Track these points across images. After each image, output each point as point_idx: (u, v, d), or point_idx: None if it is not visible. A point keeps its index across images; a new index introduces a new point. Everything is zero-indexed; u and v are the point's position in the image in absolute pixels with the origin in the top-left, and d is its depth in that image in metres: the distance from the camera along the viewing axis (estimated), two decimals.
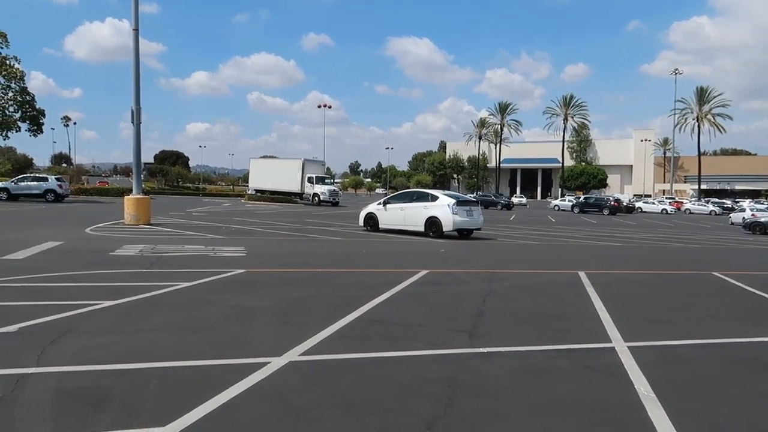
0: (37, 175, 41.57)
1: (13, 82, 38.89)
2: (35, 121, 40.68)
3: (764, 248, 21.15)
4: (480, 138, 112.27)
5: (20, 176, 39.13)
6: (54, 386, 4.33)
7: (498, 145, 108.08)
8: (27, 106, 39.71)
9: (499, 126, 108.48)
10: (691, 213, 61.12)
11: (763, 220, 30.97)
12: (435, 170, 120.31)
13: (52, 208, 29.73)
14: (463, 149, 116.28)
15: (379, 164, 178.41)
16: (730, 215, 43.21)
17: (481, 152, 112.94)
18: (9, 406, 3.91)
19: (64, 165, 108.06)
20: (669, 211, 59.75)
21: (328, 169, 69.03)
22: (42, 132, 42.40)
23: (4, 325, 5.91)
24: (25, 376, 4.50)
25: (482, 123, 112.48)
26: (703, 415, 4.26)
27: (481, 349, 5.75)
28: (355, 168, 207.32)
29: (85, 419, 3.75)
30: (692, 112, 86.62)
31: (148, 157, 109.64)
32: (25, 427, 3.60)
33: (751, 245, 22.08)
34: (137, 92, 20.71)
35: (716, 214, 58.84)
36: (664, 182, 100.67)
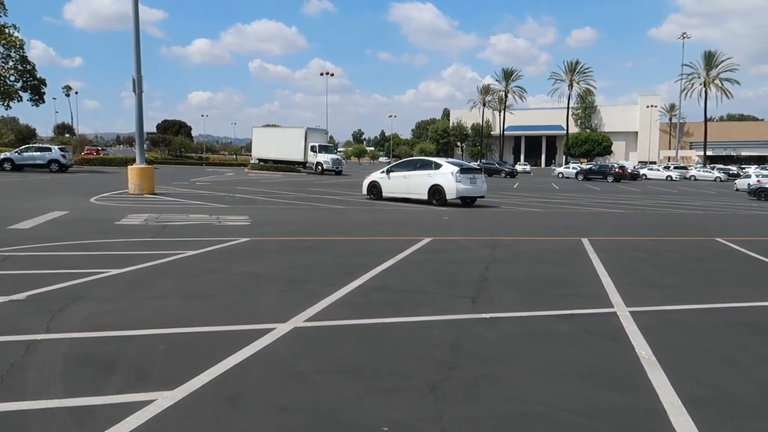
0: (40, 145, 41.49)
1: (13, 50, 38.56)
2: (36, 90, 40.47)
3: None
4: (484, 105, 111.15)
5: (24, 146, 39.05)
6: (64, 352, 4.41)
7: (502, 112, 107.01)
8: (28, 75, 39.46)
9: (504, 93, 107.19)
10: (696, 179, 60.81)
11: None
12: (438, 138, 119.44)
13: (56, 178, 29.78)
14: (467, 117, 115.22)
15: (383, 132, 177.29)
16: (736, 181, 42.97)
17: (485, 120, 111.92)
18: (21, 371, 3.99)
19: (66, 135, 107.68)
20: (674, 178, 59.45)
21: (331, 137, 68.59)
22: (44, 102, 42.25)
23: (13, 293, 5.99)
24: (36, 342, 4.58)
25: (486, 90, 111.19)
26: (703, 377, 4.32)
27: (484, 315, 5.81)
28: (358, 136, 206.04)
29: (96, 383, 3.83)
30: (699, 77, 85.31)
31: (150, 126, 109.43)
32: (37, 390, 3.69)
33: (756, 211, 22.01)
34: (138, 60, 20.50)
35: (721, 181, 58.53)
36: (670, 149, 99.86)
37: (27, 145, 40.37)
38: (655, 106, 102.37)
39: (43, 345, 4.54)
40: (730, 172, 62.46)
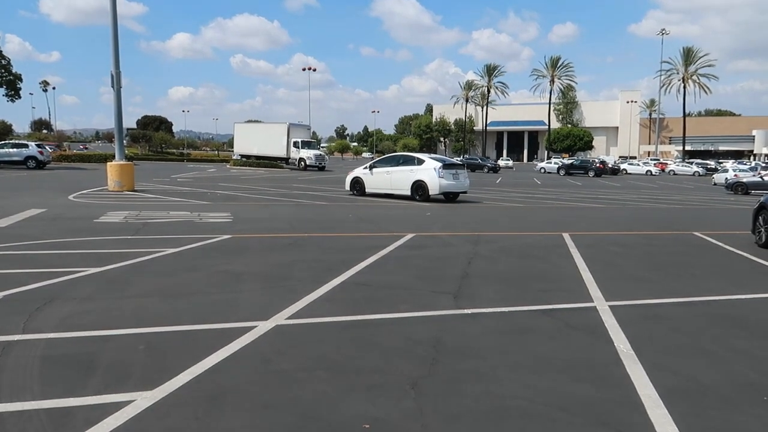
0: (16, 141, 40.68)
1: None
2: (12, 85, 39.74)
3: (745, 208, 21.44)
4: (467, 101, 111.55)
5: None
6: (41, 353, 4.34)
7: (485, 107, 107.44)
8: (2, 70, 38.70)
9: (486, 88, 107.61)
10: (675, 174, 61.65)
11: (745, 180, 31.38)
12: (422, 134, 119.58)
13: (33, 175, 29.27)
14: (450, 112, 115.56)
15: (366, 128, 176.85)
16: (713, 176, 43.66)
17: (467, 115, 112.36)
18: None
19: (44, 131, 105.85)
20: (653, 173, 60.20)
21: (314, 133, 68.39)
22: (20, 97, 41.56)
23: None
24: (12, 343, 4.51)
25: (469, 85, 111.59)
26: (680, 370, 4.39)
27: (466, 311, 5.84)
28: (341, 132, 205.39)
29: (73, 384, 3.78)
30: (678, 73, 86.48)
31: (130, 122, 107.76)
32: (13, 392, 3.63)
33: (733, 205, 22.39)
34: (116, 55, 20.18)
35: (700, 175, 59.42)
36: (650, 144, 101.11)
37: (3, 142, 39.59)
38: (635, 102, 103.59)
39: (19, 346, 4.47)
40: (708, 166, 63.41)
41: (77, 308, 5.54)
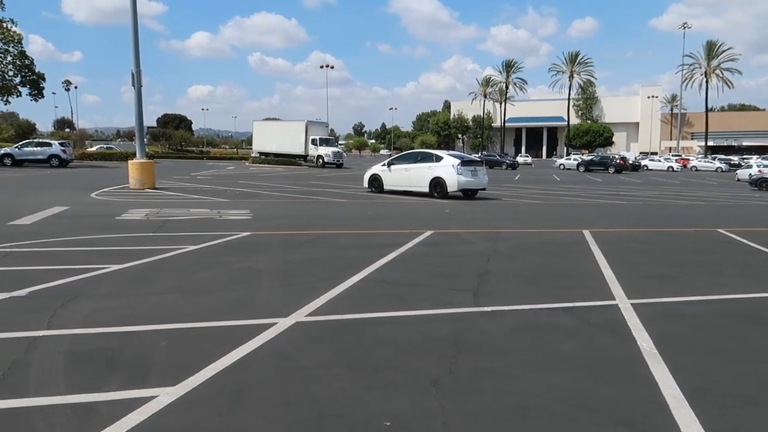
0: (40, 140, 41.42)
1: (11, 45, 38.43)
2: (35, 85, 40.37)
3: None
4: (485, 97, 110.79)
5: (24, 141, 39.01)
6: (65, 348, 4.41)
7: (503, 103, 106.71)
8: (26, 70, 39.35)
9: (504, 84, 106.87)
10: (697, 170, 60.66)
11: None
12: (439, 130, 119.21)
13: (56, 173, 29.77)
14: (468, 108, 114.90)
15: (383, 125, 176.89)
16: (737, 172, 42.86)
17: (485, 111, 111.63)
18: (23, 368, 4.00)
19: (66, 130, 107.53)
20: (675, 169, 59.30)
21: (331, 130, 68.47)
22: (43, 96, 42.15)
23: (14, 289, 5.99)
24: (37, 339, 4.59)
25: (487, 82, 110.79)
26: (704, 369, 4.32)
27: (485, 308, 5.81)
28: (358, 129, 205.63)
29: (98, 379, 3.84)
30: (700, 67, 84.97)
31: (150, 120, 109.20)
32: (39, 387, 3.69)
33: (757, 201, 21.97)
34: (136, 54, 20.41)
35: (723, 171, 58.37)
36: (671, 139, 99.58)
37: (27, 141, 40.32)
38: (656, 97, 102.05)
39: (44, 341, 4.55)
40: (732, 162, 62.26)
41: (100, 304, 5.62)
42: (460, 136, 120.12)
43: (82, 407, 3.45)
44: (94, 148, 58.90)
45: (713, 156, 72.46)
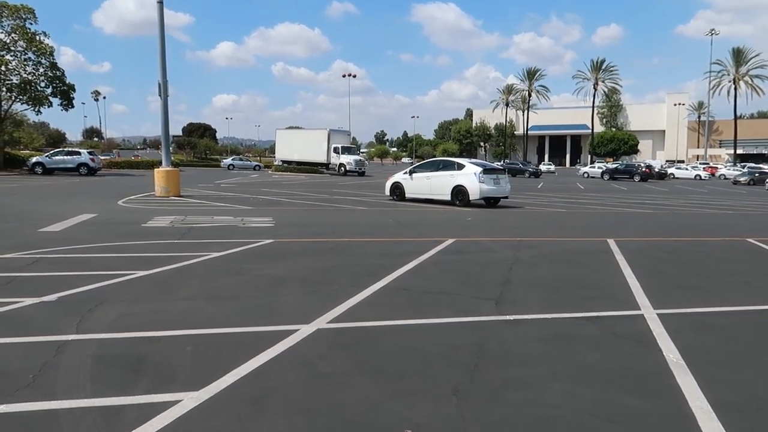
0: (70, 149, 42.39)
1: (43, 57, 39.32)
2: (66, 95, 41.22)
3: None
4: (507, 105, 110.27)
5: (54, 150, 40.00)
6: (93, 352, 4.50)
7: (525, 111, 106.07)
8: (57, 81, 40.20)
9: (527, 92, 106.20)
10: (725, 178, 59.43)
11: None
12: (461, 138, 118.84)
13: (85, 181, 30.41)
14: (490, 117, 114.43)
15: (405, 133, 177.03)
16: (766, 180, 41.89)
17: (508, 119, 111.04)
18: (52, 371, 4.09)
19: (95, 139, 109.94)
20: (703, 177, 58.19)
21: (353, 138, 68.91)
22: (73, 107, 42.92)
23: (44, 294, 6.14)
24: (66, 343, 4.69)
25: (509, 89, 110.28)
26: (733, 382, 4.23)
27: (508, 317, 5.77)
28: (380, 137, 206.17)
29: (124, 383, 3.90)
30: (728, 74, 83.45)
31: (176, 129, 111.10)
32: (67, 390, 3.77)
33: None
34: (163, 65, 20.83)
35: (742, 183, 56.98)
36: (698, 147, 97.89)
37: (57, 149, 41.31)
38: (683, 104, 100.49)
39: (72, 345, 4.65)
40: (762, 170, 60.84)
41: (127, 310, 5.72)
42: (482, 144, 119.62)
43: (109, 410, 3.51)
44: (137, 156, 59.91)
45: (742, 164, 70.93)
